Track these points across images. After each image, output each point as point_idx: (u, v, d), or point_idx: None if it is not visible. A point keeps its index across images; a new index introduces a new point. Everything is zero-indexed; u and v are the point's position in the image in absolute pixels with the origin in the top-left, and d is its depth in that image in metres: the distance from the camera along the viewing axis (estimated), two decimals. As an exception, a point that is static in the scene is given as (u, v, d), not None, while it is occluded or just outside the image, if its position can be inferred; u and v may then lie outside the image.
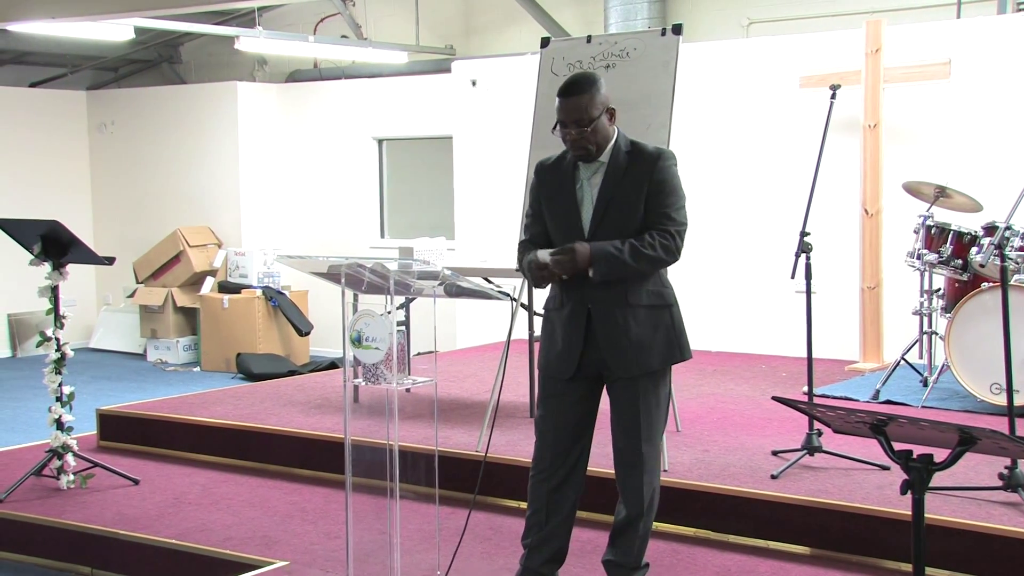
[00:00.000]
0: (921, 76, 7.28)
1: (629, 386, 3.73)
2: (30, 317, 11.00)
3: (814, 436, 4.95)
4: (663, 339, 3.75)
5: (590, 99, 3.61)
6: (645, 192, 3.66)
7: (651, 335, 3.72)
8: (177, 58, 12.14)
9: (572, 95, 3.62)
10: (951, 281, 6.27)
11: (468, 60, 9.83)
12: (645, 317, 3.72)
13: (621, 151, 3.71)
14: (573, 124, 3.62)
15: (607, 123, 3.67)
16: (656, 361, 3.74)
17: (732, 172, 8.23)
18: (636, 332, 3.70)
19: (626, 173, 3.68)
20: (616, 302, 3.69)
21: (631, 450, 3.74)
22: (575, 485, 3.83)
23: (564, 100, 3.62)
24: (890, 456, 2.68)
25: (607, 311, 3.70)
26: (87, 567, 4.95)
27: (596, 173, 3.72)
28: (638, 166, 3.68)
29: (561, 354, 3.76)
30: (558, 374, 3.77)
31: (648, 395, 3.75)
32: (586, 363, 3.73)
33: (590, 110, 3.61)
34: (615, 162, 3.70)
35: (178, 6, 6.55)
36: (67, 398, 5.49)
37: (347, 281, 3.89)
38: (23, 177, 11.18)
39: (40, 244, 5.37)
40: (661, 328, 3.75)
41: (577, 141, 3.64)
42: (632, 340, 3.69)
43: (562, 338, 3.76)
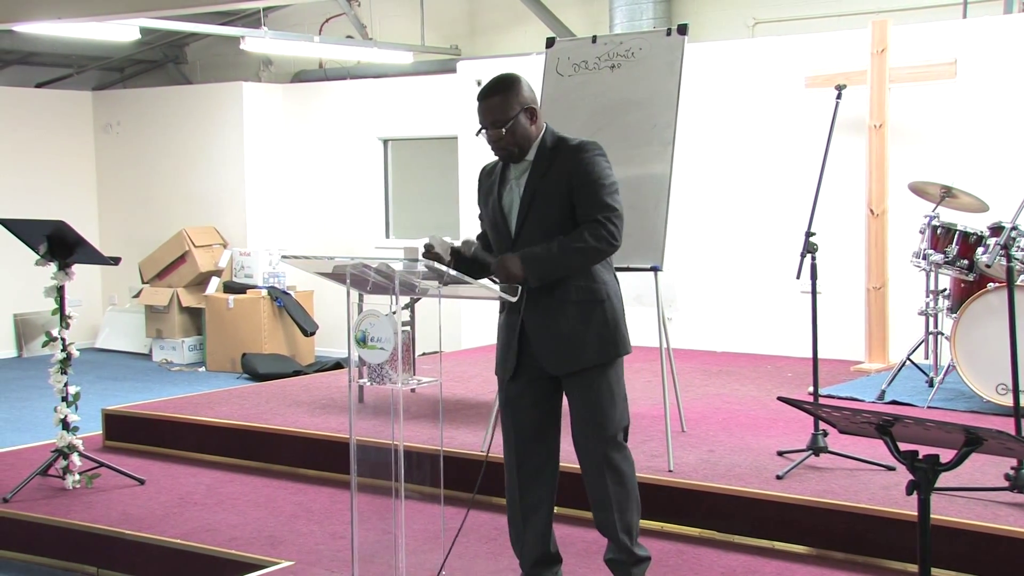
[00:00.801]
0: (927, 76, 7.27)
1: (575, 382, 3.73)
2: (36, 317, 11.02)
3: (819, 436, 4.95)
4: (595, 334, 3.70)
5: (504, 100, 3.62)
6: (569, 186, 3.63)
7: (582, 331, 3.68)
8: (183, 58, 12.15)
9: (487, 97, 3.65)
10: (957, 281, 6.26)
11: (473, 60, 9.83)
12: (575, 313, 3.68)
13: (546, 148, 3.69)
14: (490, 126, 3.64)
15: (527, 123, 3.65)
16: (588, 357, 3.70)
17: (737, 172, 8.22)
18: (565, 328, 3.67)
19: (549, 169, 3.66)
20: (544, 299, 3.68)
21: (587, 449, 3.75)
22: (545, 488, 3.84)
23: (480, 103, 3.66)
24: (896, 457, 2.67)
25: (535, 309, 3.69)
26: (92, 567, 4.96)
27: (524, 173, 3.72)
28: (560, 161, 3.66)
29: (501, 355, 3.81)
30: (500, 375, 3.82)
31: (597, 390, 3.72)
32: (527, 363, 3.74)
33: (505, 111, 3.62)
34: (539, 159, 3.69)
35: (184, 6, 6.55)
36: (73, 398, 5.49)
37: (352, 281, 3.89)
38: (29, 177, 11.20)
39: (46, 244, 5.38)
40: (593, 324, 3.69)
41: (496, 142, 3.66)
42: (562, 336, 3.68)
43: (503, 340, 3.81)
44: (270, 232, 11.12)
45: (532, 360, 3.75)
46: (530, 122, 3.67)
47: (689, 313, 8.29)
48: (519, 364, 3.77)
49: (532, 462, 3.81)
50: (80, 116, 11.81)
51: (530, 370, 3.76)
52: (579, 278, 3.68)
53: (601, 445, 3.75)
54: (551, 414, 3.83)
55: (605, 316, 3.72)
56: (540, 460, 3.82)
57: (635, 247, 5.28)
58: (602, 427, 3.74)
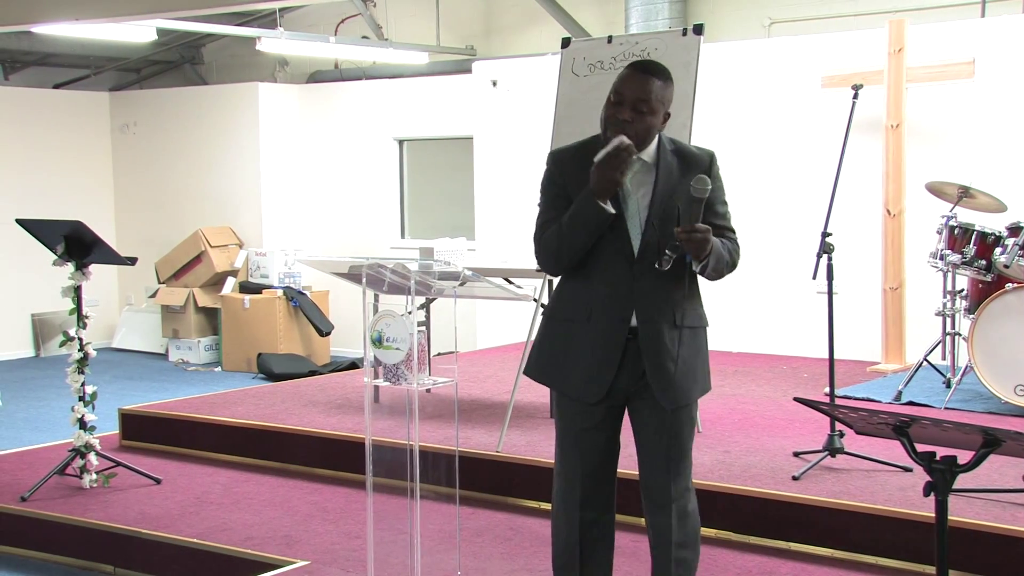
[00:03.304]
0: (944, 76, 7.23)
1: (664, 417, 3.31)
2: (53, 317, 11.07)
3: (836, 437, 4.93)
4: (702, 364, 3.39)
5: (663, 88, 3.25)
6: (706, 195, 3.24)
7: (694, 359, 3.34)
8: (199, 59, 12.19)
9: (648, 73, 3.26)
10: (974, 282, 6.23)
11: (489, 61, 9.83)
12: (690, 340, 3.33)
13: (667, 151, 3.33)
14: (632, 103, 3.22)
15: (659, 123, 3.29)
16: (698, 390, 3.37)
17: (754, 173, 8.20)
18: (683, 357, 3.29)
19: (679, 174, 3.30)
20: (665, 319, 3.28)
21: (660, 488, 3.37)
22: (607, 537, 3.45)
23: (634, 75, 3.25)
24: (913, 458, 2.66)
25: (656, 329, 3.26)
26: (109, 566, 4.98)
27: (636, 172, 3.29)
28: (693, 167, 3.31)
29: (588, 374, 3.30)
30: (582, 396, 3.31)
31: (687, 427, 3.38)
32: (617, 388, 3.30)
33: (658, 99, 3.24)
34: (663, 163, 3.31)
35: (200, 7, 6.57)
36: (90, 397, 5.52)
37: (368, 281, 3.89)
38: (47, 178, 11.25)
39: (63, 244, 5.40)
40: (702, 353, 3.39)
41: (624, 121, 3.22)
42: (680, 366, 3.28)
43: (591, 355, 3.29)
44: (286, 232, 11.14)
45: (623, 386, 3.30)
46: (662, 123, 3.31)
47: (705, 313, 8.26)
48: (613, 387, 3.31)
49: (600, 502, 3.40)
50: (97, 117, 11.87)
51: (615, 395, 3.31)
52: (696, 300, 3.38)
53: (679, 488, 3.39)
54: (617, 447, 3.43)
55: (706, 345, 3.43)
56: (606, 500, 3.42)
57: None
58: (682, 469, 3.39)
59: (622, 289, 3.25)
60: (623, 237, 3.25)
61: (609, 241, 3.26)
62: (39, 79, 11.65)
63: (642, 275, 3.24)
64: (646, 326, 3.25)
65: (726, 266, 3.37)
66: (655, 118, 3.26)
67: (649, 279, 3.24)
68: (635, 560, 4.37)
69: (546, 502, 5.00)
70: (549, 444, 5.36)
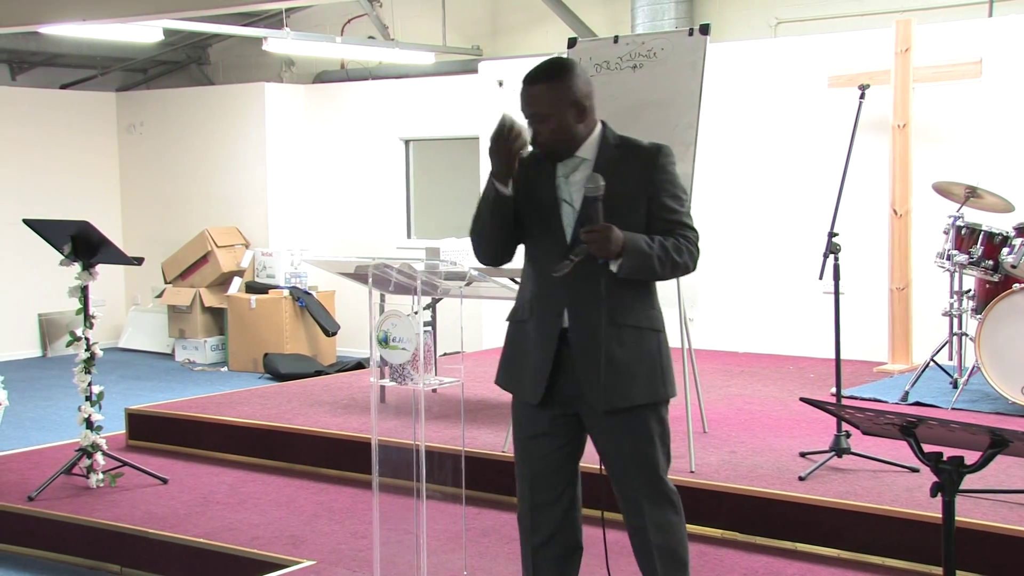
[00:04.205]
0: (952, 75, 7.22)
1: (618, 423, 3.20)
2: (60, 317, 11.09)
3: (842, 438, 4.92)
4: (649, 367, 3.22)
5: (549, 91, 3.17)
6: (647, 192, 3.18)
7: (636, 361, 3.19)
8: (205, 59, 12.21)
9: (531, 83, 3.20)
10: (981, 282, 6.22)
11: (495, 61, 9.83)
12: (633, 340, 3.20)
13: (610, 146, 3.24)
14: (529, 118, 3.20)
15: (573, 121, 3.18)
16: (642, 394, 3.20)
17: (760, 173, 8.19)
18: (620, 355, 3.17)
19: (619, 170, 3.18)
20: (600, 317, 3.16)
21: (628, 500, 3.27)
22: (564, 544, 3.36)
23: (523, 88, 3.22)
24: (920, 458, 2.66)
25: (585, 326, 3.17)
26: (116, 565, 4.98)
27: (575, 171, 3.23)
28: (634, 162, 3.21)
29: (529, 375, 3.26)
30: (526, 398, 3.28)
31: (636, 433, 3.22)
32: (559, 392, 3.22)
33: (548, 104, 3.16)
34: (603, 159, 3.21)
35: (207, 8, 6.57)
36: (96, 397, 5.53)
37: (374, 281, 3.89)
38: (54, 178, 11.27)
39: (70, 244, 5.42)
40: (648, 355, 3.22)
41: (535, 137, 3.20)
42: (615, 365, 3.16)
43: (531, 355, 3.25)
44: (292, 232, 11.15)
45: (568, 388, 3.22)
46: (578, 119, 3.19)
47: (711, 314, 8.26)
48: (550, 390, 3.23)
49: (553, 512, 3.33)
50: (104, 117, 11.89)
51: (559, 398, 3.24)
52: (640, 299, 3.22)
53: (652, 499, 3.25)
54: (575, 457, 3.34)
55: (661, 347, 3.25)
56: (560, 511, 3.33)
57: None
58: (652, 477, 3.24)
59: (556, 287, 3.18)
60: (557, 234, 3.21)
61: (545, 238, 3.24)
62: (46, 79, 11.68)
63: (577, 272, 3.13)
64: (577, 323, 3.18)
65: (666, 265, 3.17)
66: (558, 119, 3.17)
67: (585, 276, 3.14)
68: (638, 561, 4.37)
69: (552, 502, 5.00)
70: (555, 444, 5.36)
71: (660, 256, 3.15)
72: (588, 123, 3.23)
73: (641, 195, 3.19)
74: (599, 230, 3.08)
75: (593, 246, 3.09)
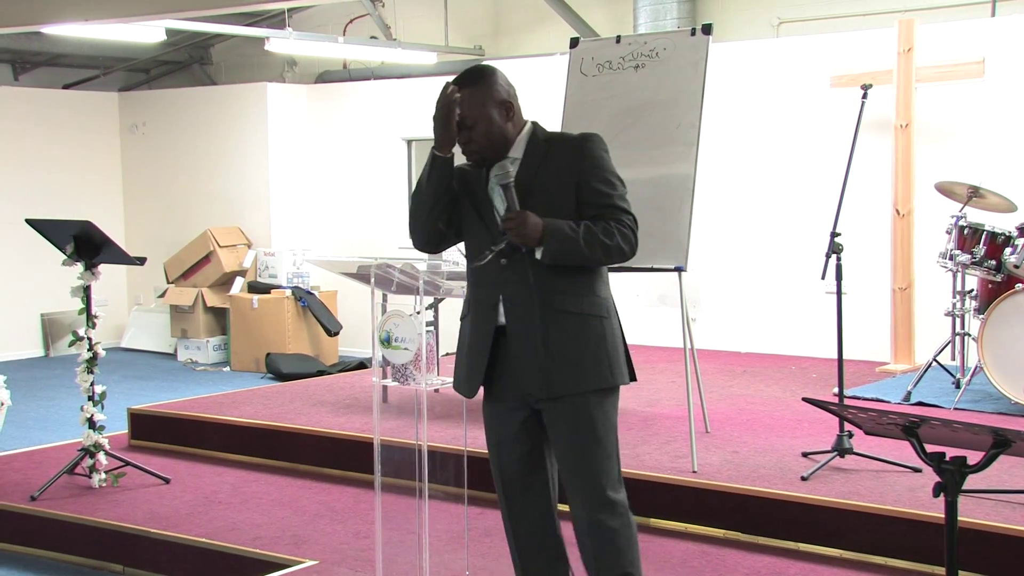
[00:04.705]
0: (954, 75, 7.22)
1: (560, 411, 3.17)
2: (63, 317, 11.10)
3: (845, 438, 4.92)
4: (592, 354, 3.16)
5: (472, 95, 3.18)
6: (574, 180, 3.16)
7: (576, 347, 3.15)
8: (208, 59, 12.21)
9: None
10: (984, 282, 6.21)
11: (497, 60, 9.82)
12: (573, 327, 3.15)
13: (538, 141, 3.24)
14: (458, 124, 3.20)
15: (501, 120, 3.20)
16: (585, 381, 3.15)
17: (762, 172, 8.19)
18: (559, 342, 3.14)
19: (544, 162, 3.20)
20: (536, 304, 3.15)
21: (571, 495, 3.22)
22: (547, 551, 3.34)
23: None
24: (922, 458, 2.65)
25: (520, 314, 3.16)
26: (118, 565, 4.99)
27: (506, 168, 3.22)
28: (559, 153, 3.20)
29: (468, 369, 3.28)
30: (464, 393, 3.31)
31: (578, 424, 3.16)
32: (505, 386, 3.23)
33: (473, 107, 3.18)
34: (530, 154, 3.22)
35: (209, 7, 6.57)
36: (99, 397, 5.53)
37: (376, 281, 3.90)
38: (56, 178, 11.28)
39: (73, 244, 5.42)
40: (591, 341, 3.16)
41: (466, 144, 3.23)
42: (552, 351, 3.13)
43: (470, 349, 3.27)
44: (294, 232, 11.15)
45: (513, 380, 3.22)
46: (505, 119, 3.21)
47: (713, 314, 8.26)
48: (494, 383, 3.25)
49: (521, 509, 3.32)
50: (106, 117, 11.89)
51: (513, 396, 3.24)
52: (583, 286, 3.19)
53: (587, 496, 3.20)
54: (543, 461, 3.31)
55: (605, 334, 3.19)
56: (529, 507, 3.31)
57: (659, 247, 5.27)
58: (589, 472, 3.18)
59: (491, 281, 3.21)
60: (490, 227, 3.23)
61: (478, 236, 3.26)
62: (49, 79, 11.68)
63: (509, 262, 3.17)
64: (511, 315, 3.18)
65: (595, 248, 3.11)
66: (485, 122, 3.19)
67: (514, 267, 3.17)
68: (643, 560, 4.37)
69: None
70: (557, 444, 5.36)
71: (587, 239, 3.10)
72: (516, 123, 3.25)
73: (569, 183, 3.17)
74: (514, 217, 3.10)
75: (512, 234, 3.10)
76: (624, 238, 3.15)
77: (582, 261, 3.15)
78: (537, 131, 3.28)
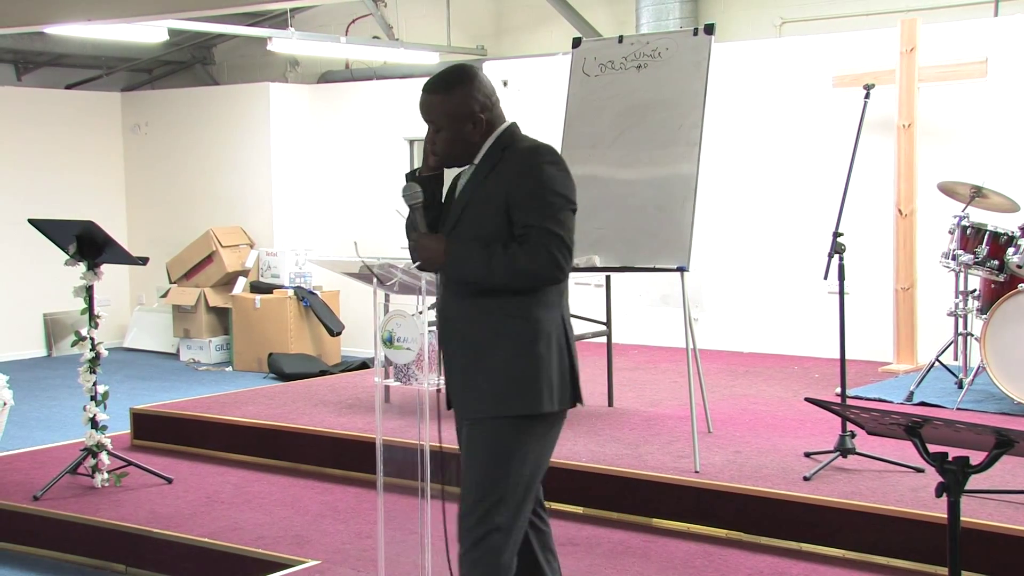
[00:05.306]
0: (957, 75, 7.21)
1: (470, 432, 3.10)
2: (65, 317, 11.10)
3: (847, 438, 4.92)
4: (502, 380, 3.02)
5: (442, 103, 3.11)
6: (508, 197, 2.99)
7: (483, 373, 3.04)
8: (210, 59, 12.22)
9: (427, 92, 3.14)
10: (987, 282, 6.21)
11: (499, 60, 9.84)
12: (487, 346, 3.04)
13: (497, 150, 3.10)
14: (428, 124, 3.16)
15: (468, 132, 3.09)
16: (481, 406, 3.05)
17: (765, 172, 8.18)
18: (465, 364, 3.08)
19: (490, 174, 3.07)
20: (463, 321, 3.09)
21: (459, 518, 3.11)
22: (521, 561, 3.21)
23: (421, 96, 3.18)
24: (925, 458, 2.65)
25: (453, 333, 3.13)
26: (121, 564, 4.99)
27: (464, 176, 3.18)
28: (505, 165, 3.05)
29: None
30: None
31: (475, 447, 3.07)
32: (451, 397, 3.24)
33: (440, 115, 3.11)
34: (484, 163, 3.11)
35: (212, 8, 6.58)
36: (101, 397, 5.53)
37: (379, 282, 3.89)
38: (59, 178, 11.28)
39: (75, 244, 5.42)
40: (504, 367, 3.02)
41: (429, 146, 3.18)
42: (462, 373, 3.10)
43: None
44: (296, 232, 11.16)
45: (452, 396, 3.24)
46: (473, 132, 3.09)
47: (716, 313, 8.26)
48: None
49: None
50: (109, 117, 11.89)
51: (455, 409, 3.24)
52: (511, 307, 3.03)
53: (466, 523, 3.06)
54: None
55: (517, 358, 3.01)
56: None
57: (662, 248, 5.27)
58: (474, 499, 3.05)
59: (439, 294, 3.23)
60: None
61: None
62: (51, 79, 11.69)
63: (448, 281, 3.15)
64: (445, 329, 3.16)
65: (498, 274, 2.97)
66: (451, 132, 3.09)
67: (453, 285, 3.13)
68: (644, 560, 4.38)
69: (556, 502, 5.00)
70: (559, 444, 5.35)
71: (492, 265, 2.97)
72: (487, 130, 3.12)
73: (503, 200, 3.01)
74: (413, 240, 3.10)
75: (413, 255, 3.11)
76: (538, 263, 2.94)
77: (490, 286, 3.02)
78: (502, 138, 3.12)
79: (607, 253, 5.40)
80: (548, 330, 3.05)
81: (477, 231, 3.04)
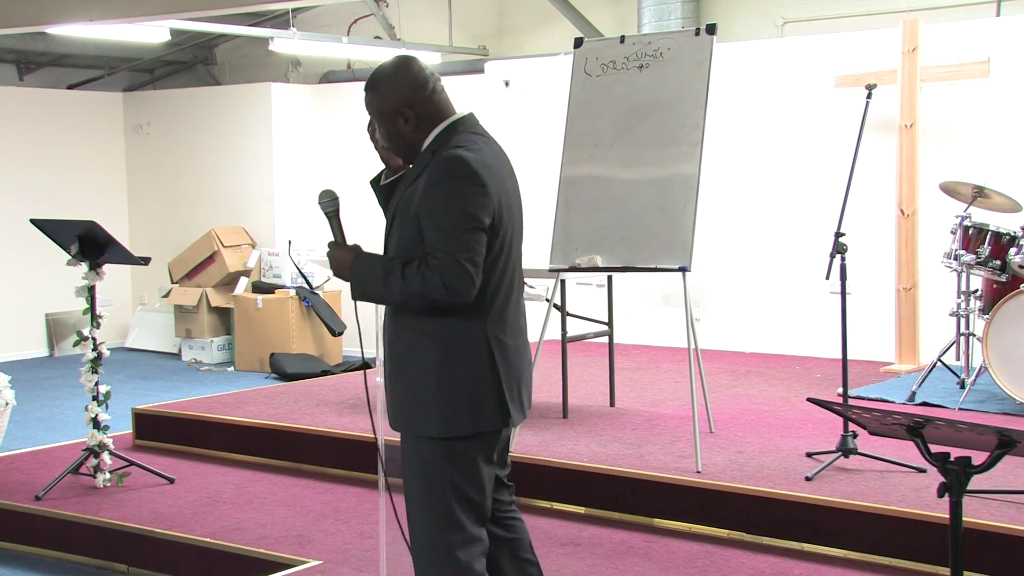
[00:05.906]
0: (959, 75, 7.20)
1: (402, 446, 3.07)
2: (67, 317, 11.11)
3: (849, 438, 4.91)
4: (411, 399, 2.96)
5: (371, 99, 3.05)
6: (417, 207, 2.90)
7: (400, 390, 3.00)
8: (212, 59, 12.22)
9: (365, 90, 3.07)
10: (989, 282, 6.21)
11: (501, 61, 9.84)
12: (404, 364, 2.98)
13: (428, 155, 2.97)
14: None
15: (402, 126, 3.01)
16: (396, 423, 3.03)
17: (767, 173, 8.18)
18: (390, 379, 3.05)
19: (414, 182, 2.97)
20: (389, 335, 3.05)
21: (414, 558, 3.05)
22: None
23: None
24: (927, 458, 2.65)
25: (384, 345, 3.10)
26: (123, 564, 4.99)
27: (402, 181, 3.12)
28: (427, 172, 2.93)
29: None
30: None
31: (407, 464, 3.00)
32: None
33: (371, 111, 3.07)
34: (414, 169, 3.02)
35: (214, 8, 6.58)
36: (103, 397, 5.54)
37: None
38: (60, 178, 11.29)
39: (77, 244, 5.42)
40: (414, 386, 2.95)
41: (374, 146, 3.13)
42: (389, 387, 3.07)
43: None
44: (298, 232, 11.16)
45: None
46: (406, 128, 3.00)
47: (717, 314, 8.26)
48: None
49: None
50: (111, 117, 11.90)
51: None
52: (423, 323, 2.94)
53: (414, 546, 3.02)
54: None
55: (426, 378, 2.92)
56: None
57: (663, 248, 5.27)
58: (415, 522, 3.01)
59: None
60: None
61: None
62: (53, 80, 11.70)
63: None
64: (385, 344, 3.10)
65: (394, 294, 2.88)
66: (384, 128, 3.04)
67: None
68: (646, 560, 4.38)
69: (558, 502, 5.02)
70: (561, 444, 5.37)
71: (390, 284, 2.89)
72: (425, 127, 3.01)
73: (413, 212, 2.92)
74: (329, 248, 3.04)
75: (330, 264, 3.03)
76: (430, 287, 2.82)
77: (385, 303, 3.00)
78: (438, 139, 2.99)
79: (609, 253, 5.40)
80: (460, 349, 2.92)
81: (400, 239, 2.98)
